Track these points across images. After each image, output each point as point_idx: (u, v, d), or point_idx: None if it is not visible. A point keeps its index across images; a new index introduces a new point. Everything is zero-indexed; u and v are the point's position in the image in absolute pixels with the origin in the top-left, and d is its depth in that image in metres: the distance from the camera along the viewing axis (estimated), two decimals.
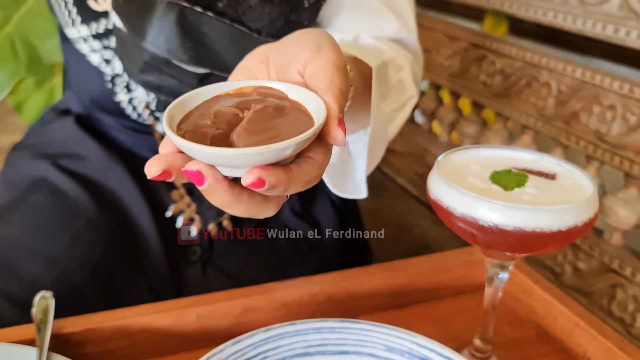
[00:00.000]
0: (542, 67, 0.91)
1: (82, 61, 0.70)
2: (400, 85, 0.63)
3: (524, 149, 0.50)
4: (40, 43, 0.92)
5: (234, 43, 0.62)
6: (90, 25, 0.67)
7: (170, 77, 0.63)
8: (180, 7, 0.60)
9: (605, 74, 0.82)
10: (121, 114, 0.72)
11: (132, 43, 0.63)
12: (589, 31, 0.83)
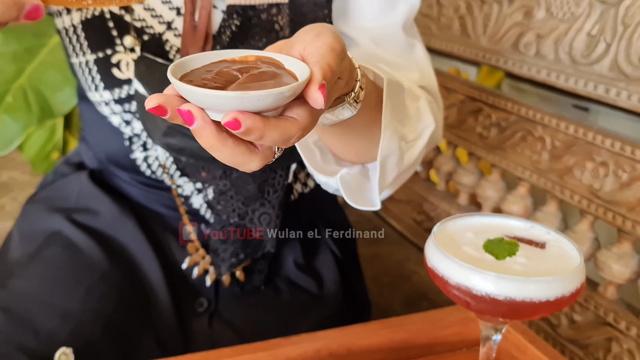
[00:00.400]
0: (537, 122, 0.94)
1: (101, 121, 0.74)
2: (417, 114, 0.64)
3: (515, 217, 0.52)
4: (51, 95, 0.96)
5: None
6: (113, 91, 0.70)
7: (192, 140, 0.66)
8: None
9: (598, 131, 0.85)
10: (135, 171, 0.75)
11: None
12: (580, 90, 0.86)
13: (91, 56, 0.69)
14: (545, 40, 0.91)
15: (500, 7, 1.00)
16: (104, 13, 0.67)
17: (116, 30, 0.67)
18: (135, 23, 0.67)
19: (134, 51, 0.68)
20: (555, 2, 0.91)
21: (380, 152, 0.56)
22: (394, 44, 0.70)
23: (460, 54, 1.08)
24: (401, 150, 0.61)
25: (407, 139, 0.63)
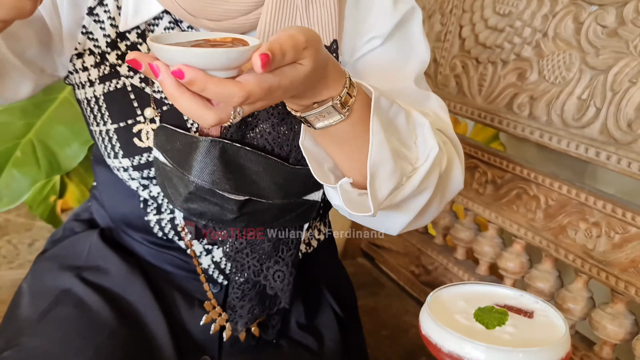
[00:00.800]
0: (531, 181, 0.96)
1: (117, 183, 0.76)
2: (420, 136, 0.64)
3: (506, 286, 0.54)
4: (60, 150, 0.99)
5: (267, 171, 0.69)
6: (133, 158, 0.72)
7: (213, 205, 0.69)
8: (222, 144, 0.67)
9: (590, 192, 0.87)
10: (147, 231, 0.77)
11: (177, 176, 0.69)
12: (572, 152, 0.89)
13: (112, 126, 0.72)
14: (538, 102, 0.94)
15: (494, 68, 1.04)
16: (126, 86, 0.70)
17: (137, 102, 0.70)
18: (155, 95, 0.70)
19: (154, 121, 0.71)
20: (547, 66, 0.94)
21: (369, 157, 0.57)
22: (407, 97, 0.71)
23: (456, 111, 1.12)
24: (403, 169, 0.61)
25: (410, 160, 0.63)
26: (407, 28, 0.74)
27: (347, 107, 0.55)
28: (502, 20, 1.03)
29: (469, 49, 1.09)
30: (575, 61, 0.89)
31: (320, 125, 0.56)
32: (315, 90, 0.54)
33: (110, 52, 0.69)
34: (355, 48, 0.73)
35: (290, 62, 0.48)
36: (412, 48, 0.75)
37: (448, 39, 1.14)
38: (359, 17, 0.72)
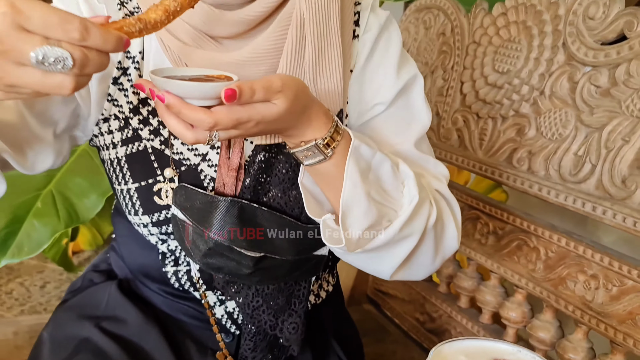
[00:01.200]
0: (531, 233, 1.00)
1: (136, 237, 0.81)
2: (398, 186, 0.70)
3: (505, 341, 0.57)
4: (78, 201, 1.03)
5: (282, 229, 0.74)
6: (152, 215, 0.77)
7: (230, 260, 0.73)
8: (241, 204, 0.72)
9: (588, 245, 0.90)
10: (164, 282, 0.81)
11: (197, 233, 0.73)
12: (570, 206, 0.92)
13: (133, 185, 0.76)
14: (537, 157, 0.99)
15: (494, 123, 1.08)
16: (147, 148, 0.75)
17: (157, 162, 0.75)
18: (174, 156, 0.75)
19: (173, 181, 0.75)
20: (544, 123, 0.99)
21: (342, 194, 0.65)
22: (406, 159, 0.76)
23: (458, 163, 1.16)
24: (376, 207, 0.67)
25: (390, 206, 0.69)
26: (409, 95, 0.79)
27: (330, 149, 0.64)
28: (501, 77, 1.08)
29: (470, 104, 1.14)
30: (571, 119, 0.94)
31: (307, 163, 0.65)
32: (299, 130, 0.63)
33: (132, 117, 0.74)
34: (360, 113, 0.78)
35: (262, 100, 0.56)
36: (413, 114, 0.79)
37: (450, 94, 1.20)
38: (364, 86, 0.77)
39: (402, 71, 0.78)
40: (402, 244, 0.70)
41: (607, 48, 0.90)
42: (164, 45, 0.72)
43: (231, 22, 0.68)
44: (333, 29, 0.71)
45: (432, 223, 0.71)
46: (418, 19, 1.32)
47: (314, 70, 0.71)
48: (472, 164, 1.12)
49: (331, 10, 0.70)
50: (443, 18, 1.24)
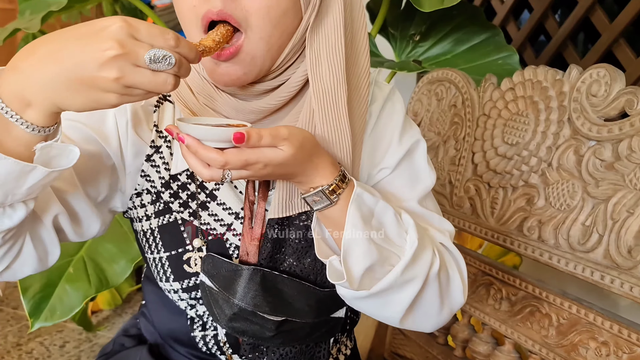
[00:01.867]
0: (543, 299, 1.03)
1: (166, 303, 0.86)
2: (400, 232, 0.75)
3: None
4: (108, 266, 1.08)
5: (301, 295, 0.80)
6: (182, 282, 0.82)
7: (254, 324, 0.79)
8: (263, 272, 0.78)
9: (598, 313, 0.93)
10: (193, 346, 0.86)
11: (223, 299, 0.79)
12: (579, 274, 0.96)
13: (165, 254, 0.82)
14: (546, 227, 1.03)
15: (505, 193, 1.13)
16: (177, 220, 0.81)
17: (186, 233, 0.81)
18: (202, 227, 0.81)
19: (201, 250, 0.81)
20: (553, 193, 1.03)
21: (344, 234, 0.71)
22: (411, 215, 0.80)
23: (471, 231, 1.20)
24: (377, 249, 0.73)
25: (393, 250, 0.74)
26: (412, 158, 0.86)
27: (336, 195, 0.71)
28: (510, 149, 1.14)
29: (481, 174, 1.19)
30: (578, 190, 0.99)
31: (316, 208, 0.72)
32: (307, 176, 0.70)
33: (164, 192, 0.81)
34: (370, 176, 0.85)
35: (269, 145, 0.64)
36: (417, 175, 0.86)
37: (462, 164, 1.25)
38: (371, 151, 0.85)
39: (405, 137, 0.85)
40: (406, 288, 0.74)
41: (609, 124, 0.96)
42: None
43: (248, 111, 0.77)
44: (343, 116, 0.76)
45: (435, 271, 0.75)
46: (430, 90, 1.39)
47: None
48: (484, 231, 1.17)
49: (339, 97, 0.76)
50: (454, 90, 1.31)
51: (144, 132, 0.79)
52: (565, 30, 1.86)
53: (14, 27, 1.39)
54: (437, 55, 1.71)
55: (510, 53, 1.63)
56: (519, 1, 2.07)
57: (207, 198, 0.81)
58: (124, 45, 0.52)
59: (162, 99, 0.82)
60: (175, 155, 0.81)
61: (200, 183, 0.81)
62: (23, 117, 0.55)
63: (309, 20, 0.73)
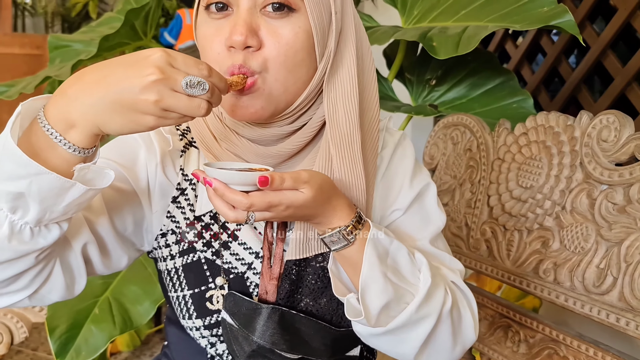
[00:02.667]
0: (560, 342, 1.03)
1: (187, 341, 0.89)
2: (413, 269, 0.79)
3: None
4: (132, 307, 1.11)
5: (318, 333, 0.83)
6: (204, 319, 0.85)
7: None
8: (281, 311, 0.81)
9: (614, 355, 0.94)
10: None
11: (243, 336, 0.82)
12: (595, 317, 0.96)
13: (188, 292, 0.85)
14: (562, 269, 1.04)
15: (520, 235, 1.15)
16: (200, 259, 0.85)
17: (209, 271, 0.85)
18: (224, 265, 0.84)
19: (223, 288, 0.84)
20: (567, 236, 1.05)
21: (361, 273, 0.74)
22: (424, 255, 0.84)
23: (488, 273, 1.22)
24: (394, 287, 0.76)
25: (408, 289, 0.77)
26: (423, 201, 0.89)
27: (353, 236, 0.74)
28: (525, 192, 1.16)
29: (496, 217, 1.21)
30: (592, 233, 1.00)
31: (334, 248, 0.75)
32: (326, 218, 0.74)
33: (188, 232, 0.85)
34: (383, 217, 0.89)
35: (291, 188, 0.67)
36: (428, 217, 0.89)
37: (478, 206, 1.27)
38: (385, 196, 0.88)
39: (416, 181, 0.89)
40: (420, 325, 0.77)
41: (620, 169, 0.98)
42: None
43: (267, 155, 0.81)
44: (358, 161, 0.80)
45: (447, 308, 0.78)
46: (446, 134, 1.42)
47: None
48: (501, 273, 1.18)
49: (355, 144, 0.80)
50: (469, 135, 1.34)
51: (171, 175, 0.84)
52: (578, 74, 1.89)
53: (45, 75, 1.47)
54: (453, 100, 1.76)
55: (524, 97, 1.67)
56: (533, 46, 2.11)
57: (229, 238, 0.85)
58: (164, 71, 0.58)
59: (188, 145, 0.87)
60: (199, 197, 0.85)
61: (223, 224, 0.85)
62: (66, 138, 0.60)
63: (324, 70, 0.78)
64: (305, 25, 0.74)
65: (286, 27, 0.73)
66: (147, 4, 1.56)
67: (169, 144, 0.84)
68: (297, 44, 0.74)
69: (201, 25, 0.77)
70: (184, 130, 0.88)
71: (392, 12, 1.81)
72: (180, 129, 0.88)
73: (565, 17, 1.29)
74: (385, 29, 1.63)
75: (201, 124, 0.85)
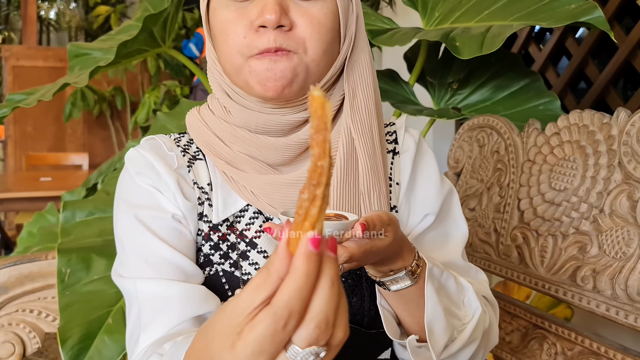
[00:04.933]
0: (602, 355, 0.97)
1: None
2: (465, 299, 0.79)
3: None
4: None
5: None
6: None
7: None
8: None
9: None
10: None
11: None
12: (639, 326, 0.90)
13: None
14: (602, 276, 0.97)
15: (555, 241, 1.08)
16: (218, 272, 0.79)
17: (228, 284, 0.79)
18: (243, 277, 0.79)
19: None
20: (606, 241, 0.98)
21: (425, 316, 0.72)
22: (454, 268, 0.84)
23: (520, 280, 1.15)
24: (453, 325, 0.75)
25: (460, 319, 0.77)
26: (450, 207, 0.87)
27: (416, 275, 0.71)
28: (558, 195, 1.09)
29: (528, 221, 1.15)
30: (634, 237, 0.94)
31: (394, 288, 0.72)
32: (392, 260, 0.70)
33: (204, 244, 0.80)
34: (410, 226, 0.85)
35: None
36: (456, 224, 0.88)
37: (507, 211, 1.21)
38: (412, 201, 0.85)
39: (443, 184, 0.87)
40: (468, 349, 0.78)
41: None
42: (227, 177, 0.79)
43: (281, 148, 0.77)
44: (377, 148, 0.79)
45: (486, 328, 0.80)
46: (472, 137, 1.36)
47: (368, 187, 0.78)
48: (534, 281, 1.12)
49: (374, 130, 0.79)
50: (496, 137, 1.29)
51: (189, 194, 0.80)
52: (607, 75, 1.83)
53: (63, 82, 1.44)
54: (477, 102, 1.70)
55: (551, 99, 1.60)
56: (557, 48, 2.05)
57: (248, 247, 0.79)
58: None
59: (193, 159, 0.82)
60: (214, 205, 0.80)
61: (240, 232, 0.80)
62: None
63: (347, 52, 0.77)
64: (332, 6, 0.74)
65: (316, 7, 0.72)
66: (166, 10, 1.53)
67: (174, 162, 0.80)
68: (328, 24, 0.73)
69: (220, 10, 0.74)
70: (185, 145, 0.84)
71: (412, 16, 1.77)
72: (181, 145, 0.84)
73: (595, 13, 1.23)
74: (406, 30, 1.58)
75: (204, 131, 0.81)
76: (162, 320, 0.72)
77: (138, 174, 0.79)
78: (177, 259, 0.76)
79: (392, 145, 0.86)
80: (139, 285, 0.74)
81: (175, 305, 0.72)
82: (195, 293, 0.74)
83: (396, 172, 0.85)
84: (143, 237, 0.76)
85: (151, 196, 0.78)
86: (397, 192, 0.84)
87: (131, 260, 0.77)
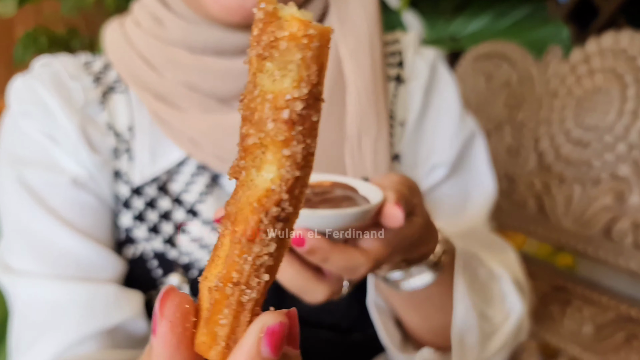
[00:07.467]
0: None
1: None
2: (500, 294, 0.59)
3: None
4: None
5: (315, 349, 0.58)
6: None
7: None
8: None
9: None
10: None
11: None
12: None
13: None
14: None
15: (583, 188, 0.91)
16: (145, 253, 0.57)
17: (161, 269, 0.58)
18: (181, 258, 0.57)
19: (181, 289, 0.57)
20: None
21: (453, 325, 0.51)
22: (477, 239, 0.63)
23: (538, 235, 0.99)
24: (483, 330, 0.54)
25: (491, 320, 0.56)
26: (470, 156, 0.65)
27: (439, 266, 0.49)
28: (587, 133, 0.92)
29: (549, 166, 0.98)
30: None
31: (408, 287, 0.49)
32: (413, 248, 0.45)
33: (124, 215, 0.57)
34: (417, 179, 0.63)
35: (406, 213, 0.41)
36: (479, 181, 0.66)
37: (522, 154, 1.03)
38: (418, 147, 0.63)
39: (462, 125, 0.64)
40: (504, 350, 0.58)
41: None
42: (157, 118, 0.56)
43: (237, 72, 0.54)
44: (378, 72, 0.58)
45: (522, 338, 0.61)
46: (476, 69, 1.17)
47: (359, 129, 0.57)
48: (556, 236, 0.95)
49: (374, 46, 0.58)
50: (506, 67, 1.10)
51: (100, 145, 0.56)
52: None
53: None
54: (474, 33, 1.50)
55: (558, 27, 1.42)
56: None
57: (188, 215, 0.57)
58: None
59: (109, 91, 0.58)
60: (138, 158, 0.57)
61: (177, 195, 0.58)
62: None
63: None
64: None
65: None
66: None
67: (79, 97, 0.56)
68: None
69: None
70: (100, 72, 0.59)
71: None
72: (94, 71, 0.59)
73: None
74: None
75: (126, 52, 0.57)
76: (52, 339, 0.51)
77: (24, 115, 0.56)
78: (77, 246, 0.53)
79: (395, 71, 0.63)
80: (22, 287, 0.52)
81: (71, 317, 0.51)
82: (100, 297, 0.53)
83: (400, 107, 0.62)
84: (30, 214, 0.54)
85: (42, 149, 0.55)
86: (399, 135, 0.62)
87: (14, 248, 0.54)
